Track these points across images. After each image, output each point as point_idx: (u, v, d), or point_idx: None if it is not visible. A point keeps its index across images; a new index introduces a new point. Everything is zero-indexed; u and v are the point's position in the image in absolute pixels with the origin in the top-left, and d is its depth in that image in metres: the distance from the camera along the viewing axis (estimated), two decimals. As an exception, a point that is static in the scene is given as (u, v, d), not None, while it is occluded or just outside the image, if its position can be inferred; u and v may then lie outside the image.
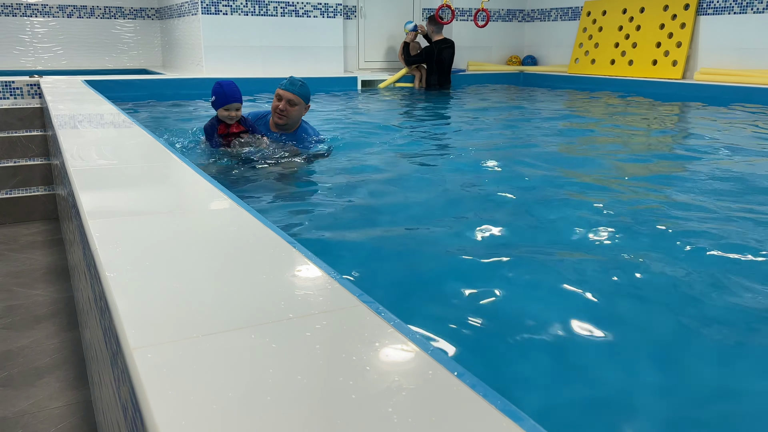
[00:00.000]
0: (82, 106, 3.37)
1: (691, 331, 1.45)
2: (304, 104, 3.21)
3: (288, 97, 3.15)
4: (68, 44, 7.82)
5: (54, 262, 2.87)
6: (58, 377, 1.91)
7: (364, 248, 1.99)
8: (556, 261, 1.82)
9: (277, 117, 3.19)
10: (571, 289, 1.62)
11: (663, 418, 1.18)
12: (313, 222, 2.20)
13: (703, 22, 6.86)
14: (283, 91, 3.16)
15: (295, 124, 3.26)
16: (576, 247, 1.97)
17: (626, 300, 1.61)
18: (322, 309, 0.86)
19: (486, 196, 2.53)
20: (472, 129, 4.59)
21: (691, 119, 5.30)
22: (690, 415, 1.19)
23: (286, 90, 3.15)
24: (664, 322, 1.52)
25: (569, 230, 2.13)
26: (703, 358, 1.35)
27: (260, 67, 7.05)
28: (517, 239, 2.03)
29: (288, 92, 3.15)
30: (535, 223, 2.23)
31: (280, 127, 3.24)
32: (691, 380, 1.29)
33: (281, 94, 3.16)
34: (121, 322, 0.77)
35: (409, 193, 2.62)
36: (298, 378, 0.69)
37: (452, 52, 7.40)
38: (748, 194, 2.63)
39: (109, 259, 0.99)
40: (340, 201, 2.47)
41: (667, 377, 1.31)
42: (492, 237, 2.03)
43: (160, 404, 0.61)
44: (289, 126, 3.24)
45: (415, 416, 0.62)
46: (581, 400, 1.22)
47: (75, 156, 1.86)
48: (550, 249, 1.92)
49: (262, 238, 1.15)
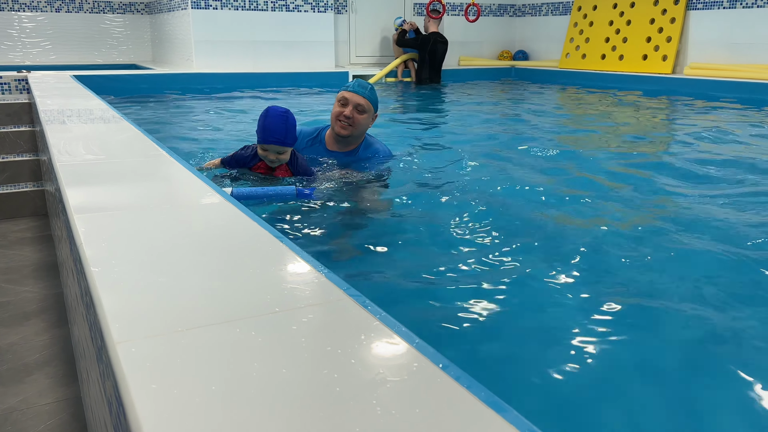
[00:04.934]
0: (70, 101, 3.34)
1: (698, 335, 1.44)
2: (373, 112, 2.67)
3: (356, 102, 2.58)
4: (57, 39, 7.76)
5: (43, 259, 2.85)
6: (48, 374, 1.90)
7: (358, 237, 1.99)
8: (550, 258, 1.82)
9: (341, 126, 2.61)
10: (567, 287, 1.62)
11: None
12: (307, 227, 2.18)
13: (692, 16, 6.89)
14: (351, 93, 2.60)
15: (359, 137, 2.70)
16: (570, 244, 1.97)
17: (615, 295, 1.61)
18: (309, 302, 0.86)
19: (476, 192, 2.53)
20: (460, 125, 4.59)
21: (681, 114, 5.32)
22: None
23: (354, 92, 2.60)
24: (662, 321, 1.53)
25: (561, 227, 2.14)
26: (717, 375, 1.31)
27: (251, 62, 7.02)
28: (508, 237, 2.03)
29: (357, 95, 2.59)
30: (527, 219, 2.24)
31: (343, 141, 2.66)
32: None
33: (348, 97, 2.60)
34: (105, 317, 0.77)
35: (396, 188, 2.61)
36: (282, 371, 0.69)
37: (445, 48, 7.42)
38: (746, 185, 2.65)
39: (95, 254, 0.99)
40: (333, 200, 2.46)
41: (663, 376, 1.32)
42: (483, 234, 2.03)
43: (143, 398, 0.61)
44: (353, 139, 2.67)
45: (399, 408, 0.63)
46: (573, 398, 1.22)
47: (62, 151, 1.85)
48: (542, 247, 1.92)
49: (250, 234, 1.14)
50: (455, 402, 0.64)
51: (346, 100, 2.59)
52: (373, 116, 2.66)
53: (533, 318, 1.52)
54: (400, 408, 0.63)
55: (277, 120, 2.34)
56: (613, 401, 1.22)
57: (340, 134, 2.62)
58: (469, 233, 2.04)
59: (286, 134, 2.35)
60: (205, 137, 3.90)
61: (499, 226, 2.10)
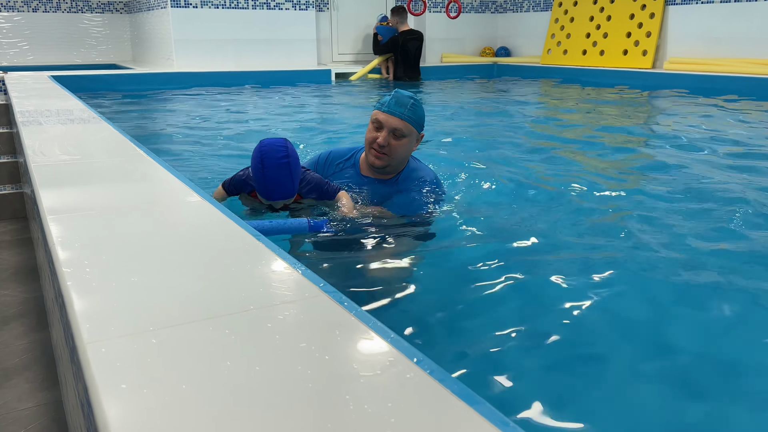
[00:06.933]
0: (47, 102, 3.30)
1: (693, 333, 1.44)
2: (416, 134, 2.08)
3: (393, 126, 2.00)
4: (34, 39, 7.66)
5: (22, 262, 2.81)
6: (27, 378, 1.88)
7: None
8: (544, 255, 1.82)
9: (375, 156, 2.05)
10: (560, 285, 1.62)
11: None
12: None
13: (671, 11, 6.96)
14: (386, 115, 2.01)
15: (400, 165, 2.11)
16: (562, 241, 1.97)
17: (604, 290, 1.62)
18: (284, 300, 0.86)
19: (464, 189, 2.53)
20: (436, 124, 4.59)
21: (661, 108, 5.37)
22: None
23: (390, 114, 2.01)
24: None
25: (553, 223, 2.14)
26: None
27: (232, 61, 6.98)
28: (498, 234, 2.03)
29: (394, 117, 2.00)
30: (518, 216, 2.24)
31: (380, 170, 2.10)
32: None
33: (382, 120, 2.02)
34: (76, 317, 0.76)
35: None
36: (256, 369, 0.68)
37: (418, 44, 7.38)
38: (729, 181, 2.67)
39: (67, 255, 0.97)
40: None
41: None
42: (473, 232, 2.03)
43: (112, 398, 0.60)
44: (392, 168, 2.10)
45: (372, 403, 0.63)
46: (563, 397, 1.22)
47: (37, 152, 1.82)
48: (535, 244, 1.92)
49: (226, 232, 1.14)
50: (428, 395, 0.64)
51: (380, 123, 2.02)
52: (417, 138, 2.08)
53: (518, 315, 1.52)
54: (373, 402, 0.63)
55: (278, 172, 1.82)
56: (611, 401, 1.21)
57: (374, 165, 2.08)
58: (458, 232, 2.02)
59: (292, 187, 1.87)
60: (185, 137, 3.87)
61: (483, 223, 2.11)
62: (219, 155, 3.34)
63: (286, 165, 1.82)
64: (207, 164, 3.12)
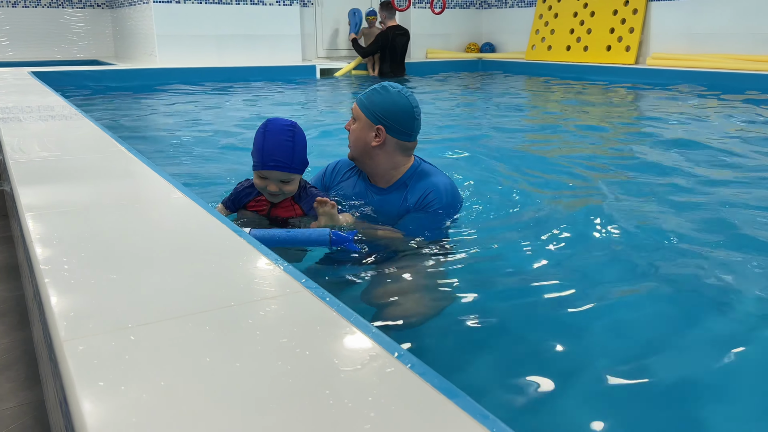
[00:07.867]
0: (27, 98, 3.26)
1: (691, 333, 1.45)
2: (369, 123, 1.79)
3: (354, 111, 1.83)
4: (14, 35, 7.54)
5: (3, 260, 2.77)
6: (9, 377, 1.85)
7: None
8: (538, 253, 1.83)
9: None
10: (553, 283, 1.62)
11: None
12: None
13: (654, 8, 7.02)
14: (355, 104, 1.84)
15: (366, 157, 1.83)
16: (553, 238, 1.97)
17: (596, 287, 1.62)
18: (265, 295, 0.85)
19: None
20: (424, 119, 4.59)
21: (644, 102, 5.42)
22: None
23: (356, 102, 1.84)
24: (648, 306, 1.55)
25: (545, 220, 2.14)
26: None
27: (216, 57, 6.93)
28: (490, 232, 2.02)
29: (355, 103, 1.83)
30: (503, 216, 2.24)
31: (360, 164, 1.89)
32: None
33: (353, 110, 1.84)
34: (53, 315, 0.75)
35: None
36: (236, 365, 0.68)
37: (405, 40, 7.37)
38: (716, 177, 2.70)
39: (45, 253, 0.96)
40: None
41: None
42: (463, 229, 2.02)
43: (89, 396, 0.60)
44: (360, 162, 1.87)
45: (352, 397, 0.63)
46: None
47: (16, 149, 1.80)
48: (522, 245, 1.91)
49: (207, 229, 1.13)
50: (408, 389, 0.65)
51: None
52: (371, 127, 1.77)
53: (512, 316, 1.52)
54: (353, 397, 0.63)
55: (280, 137, 1.67)
56: (609, 401, 1.22)
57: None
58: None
59: (292, 156, 1.67)
60: (168, 133, 3.84)
61: (474, 220, 2.11)
62: (202, 152, 3.31)
63: (290, 131, 1.69)
64: (190, 161, 3.10)
